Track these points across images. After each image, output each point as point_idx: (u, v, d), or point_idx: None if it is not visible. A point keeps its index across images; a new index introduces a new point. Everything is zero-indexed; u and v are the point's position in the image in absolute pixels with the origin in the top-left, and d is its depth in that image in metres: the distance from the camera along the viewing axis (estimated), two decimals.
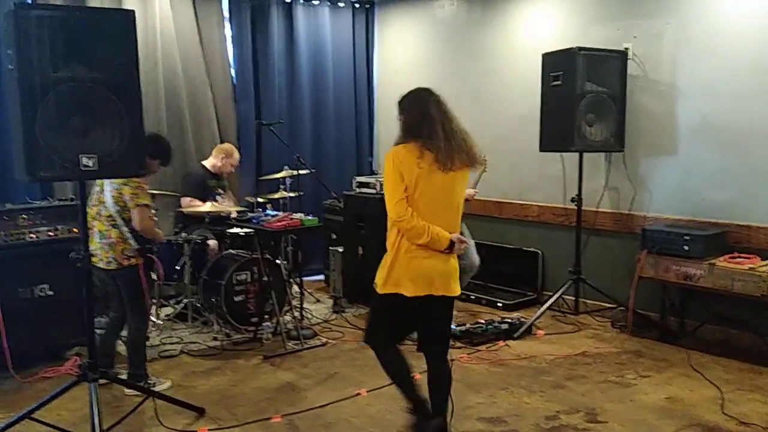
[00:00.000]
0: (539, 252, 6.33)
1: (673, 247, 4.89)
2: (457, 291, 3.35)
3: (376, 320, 3.55)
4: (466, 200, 5.33)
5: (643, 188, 5.53)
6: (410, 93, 3.41)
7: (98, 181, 4.18)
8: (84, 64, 3.15)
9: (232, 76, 6.97)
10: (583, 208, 5.65)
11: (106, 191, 4.16)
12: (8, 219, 4.61)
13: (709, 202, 5.14)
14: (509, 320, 5.45)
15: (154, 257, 4.43)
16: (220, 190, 6.09)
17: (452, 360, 4.79)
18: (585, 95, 5.25)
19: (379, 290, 3.36)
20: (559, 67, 5.30)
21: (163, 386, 4.34)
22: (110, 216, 4.15)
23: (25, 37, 3.03)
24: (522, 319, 5.47)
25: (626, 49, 5.47)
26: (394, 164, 3.23)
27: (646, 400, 4.11)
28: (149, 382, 4.30)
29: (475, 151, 3.38)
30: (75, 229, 4.77)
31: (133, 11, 3.33)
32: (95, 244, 4.12)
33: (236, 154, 6.18)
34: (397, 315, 3.41)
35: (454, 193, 3.31)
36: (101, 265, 4.14)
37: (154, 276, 5.01)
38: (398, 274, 3.28)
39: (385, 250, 3.40)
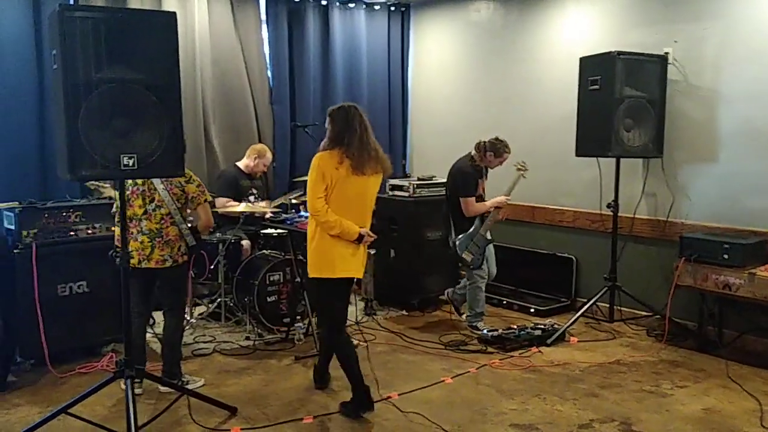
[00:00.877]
0: (573, 258, 6.26)
1: (712, 256, 4.79)
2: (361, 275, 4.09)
3: (329, 305, 4.04)
4: (498, 207, 5.35)
5: (682, 195, 5.43)
6: (340, 107, 4.00)
7: (138, 180, 4.21)
8: (126, 64, 3.20)
9: (268, 79, 7.03)
10: (620, 214, 5.58)
11: (160, 189, 4.19)
12: (49, 216, 4.70)
13: (749, 209, 5.03)
14: (542, 326, 5.40)
15: (205, 254, 4.51)
16: (254, 191, 6.13)
17: (484, 365, 4.77)
18: (623, 100, 5.18)
19: (319, 275, 3.90)
20: (597, 71, 5.24)
21: (196, 384, 4.38)
22: (168, 214, 4.20)
23: (69, 38, 3.09)
24: (555, 326, 5.41)
25: (666, 53, 5.38)
26: (318, 166, 3.83)
27: (683, 410, 4.03)
28: (183, 380, 4.34)
29: (386, 161, 4.07)
30: (113, 227, 4.84)
31: (174, 13, 3.37)
32: (135, 245, 4.16)
33: (269, 154, 6.22)
34: (345, 296, 4.08)
35: (366, 194, 3.97)
36: (148, 264, 4.17)
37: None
38: (330, 258, 3.86)
39: (417, 252, 3.84)
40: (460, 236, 5.39)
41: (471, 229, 5.38)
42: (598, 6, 5.95)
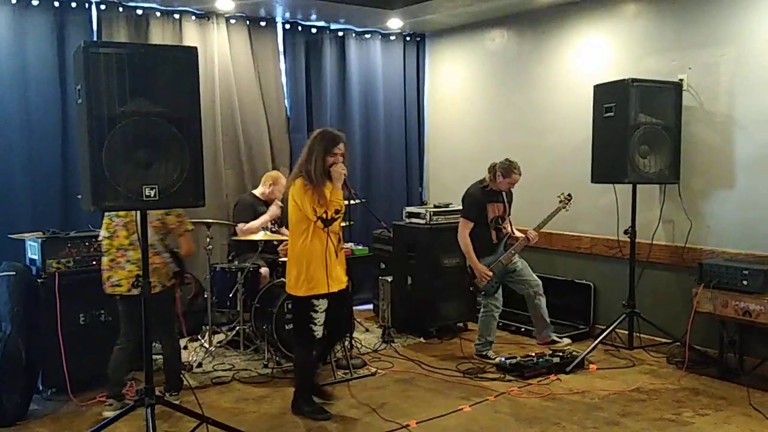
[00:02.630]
0: (591, 284, 6.24)
1: (732, 282, 4.76)
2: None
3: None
4: (527, 246, 5.41)
5: (700, 221, 5.42)
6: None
7: (120, 213, 4.30)
8: (148, 98, 3.29)
9: (286, 108, 7.13)
10: (638, 240, 5.56)
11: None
12: (71, 246, 4.78)
13: None
14: (561, 353, 5.37)
15: (191, 276, 4.63)
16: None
17: (502, 393, 4.75)
18: (638, 126, 5.20)
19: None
20: (612, 98, 5.27)
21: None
22: (152, 245, 4.24)
23: (93, 73, 3.18)
24: (574, 353, 5.38)
25: (681, 80, 5.41)
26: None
27: None
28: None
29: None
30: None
31: (195, 48, 3.46)
32: (123, 273, 4.27)
33: (283, 180, 6.25)
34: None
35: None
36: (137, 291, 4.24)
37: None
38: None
39: (434, 279, 3.86)
40: (482, 261, 5.40)
41: (491, 256, 5.39)
42: (612, 34, 6.00)
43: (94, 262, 4.81)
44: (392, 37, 7.74)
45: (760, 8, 4.99)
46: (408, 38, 7.87)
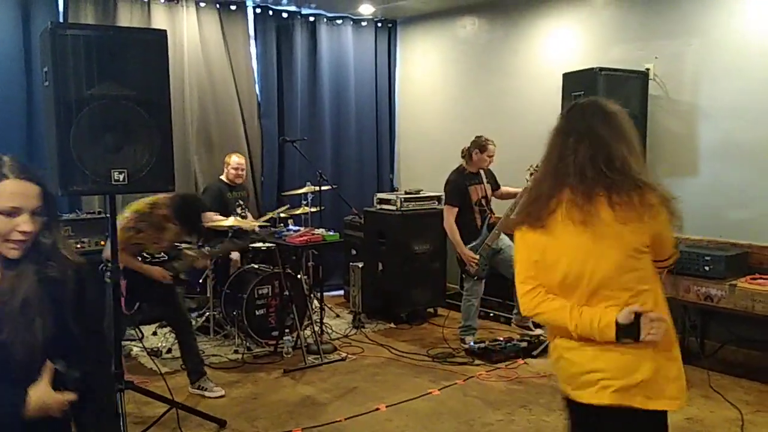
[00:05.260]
0: None
1: (694, 268, 4.87)
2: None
3: None
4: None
5: None
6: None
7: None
8: (117, 81, 3.25)
9: (257, 93, 7.09)
10: None
11: None
12: None
13: (730, 222, 5.12)
14: (528, 338, 5.46)
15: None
16: (240, 201, 6.15)
17: (471, 377, 4.83)
18: None
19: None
20: (580, 86, 5.33)
21: (215, 394, 4.51)
22: None
23: (60, 55, 3.13)
24: (541, 338, 5.47)
25: (647, 69, 5.50)
26: None
27: None
28: (205, 387, 4.54)
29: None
30: (102, 242, 4.87)
31: (165, 31, 3.43)
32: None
33: (233, 157, 6.19)
34: None
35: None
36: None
37: None
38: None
39: (405, 265, 3.39)
40: (469, 246, 5.43)
41: (478, 240, 5.42)
42: (581, 23, 6.07)
43: None
44: (364, 23, 7.72)
45: None
46: (379, 24, 7.86)
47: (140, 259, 4.32)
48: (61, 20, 5.79)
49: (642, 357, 2.07)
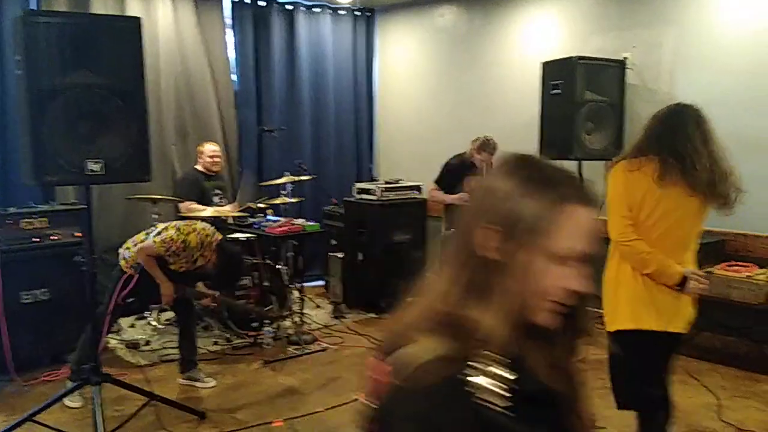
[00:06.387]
0: None
1: None
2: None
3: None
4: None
5: None
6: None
7: None
8: (91, 70, 3.21)
9: (233, 83, 7.02)
10: None
11: None
12: (12, 223, 4.64)
13: None
14: None
15: None
16: (218, 191, 6.07)
17: None
18: (584, 104, 5.29)
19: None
20: (559, 76, 5.35)
21: (207, 385, 4.51)
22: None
23: (33, 43, 3.08)
24: None
25: (625, 58, 5.52)
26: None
27: None
28: (197, 378, 4.53)
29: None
30: (78, 233, 4.80)
31: (139, 18, 3.39)
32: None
33: (206, 146, 6.10)
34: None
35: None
36: None
37: None
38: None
39: (385, 254, 3.53)
40: (453, 230, 5.42)
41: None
42: (560, 12, 6.08)
43: (35, 239, 4.69)
44: (342, 12, 7.67)
45: None
46: (358, 13, 7.80)
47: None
48: (34, 8, 5.67)
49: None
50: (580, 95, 5.27)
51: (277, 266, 5.55)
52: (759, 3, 4.80)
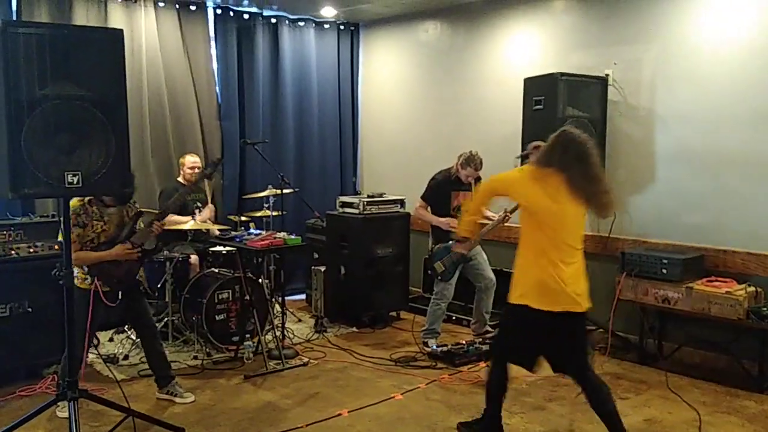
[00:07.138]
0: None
1: (652, 271, 4.96)
2: None
3: None
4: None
5: (623, 212, 5.60)
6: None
7: None
8: (71, 81, 3.16)
9: (217, 95, 7.00)
10: None
11: None
12: None
13: (686, 226, 5.22)
14: (490, 342, 5.46)
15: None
16: (199, 204, 6.02)
17: (433, 380, 4.82)
18: (566, 119, 5.32)
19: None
20: (541, 91, 5.38)
21: (186, 400, 4.44)
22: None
23: (12, 54, 3.03)
24: None
25: (607, 75, 5.57)
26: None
27: (625, 421, 4.08)
28: (175, 393, 4.46)
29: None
30: (56, 246, 4.74)
31: (121, 30, 3.35)
32: None
33: (188, 157, 6.07)
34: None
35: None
36: None
37: None
38: None
39: (367, 268, 3.63)
40: (439, 245, 5.42)
41: (451, 241, 5.36)
42: (542, 29, 6.13)
43: (13, 251, 4.63)
44: (326, 26, 7.69)
45: (681, 7, 5.18)
46: (342, 27, 7.83)
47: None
48: (14, 18, 5.63)
49: None
50: (562, 111, 5.30)
51: (258, 280, 5.51)
52: (739, 20, 4.87)
